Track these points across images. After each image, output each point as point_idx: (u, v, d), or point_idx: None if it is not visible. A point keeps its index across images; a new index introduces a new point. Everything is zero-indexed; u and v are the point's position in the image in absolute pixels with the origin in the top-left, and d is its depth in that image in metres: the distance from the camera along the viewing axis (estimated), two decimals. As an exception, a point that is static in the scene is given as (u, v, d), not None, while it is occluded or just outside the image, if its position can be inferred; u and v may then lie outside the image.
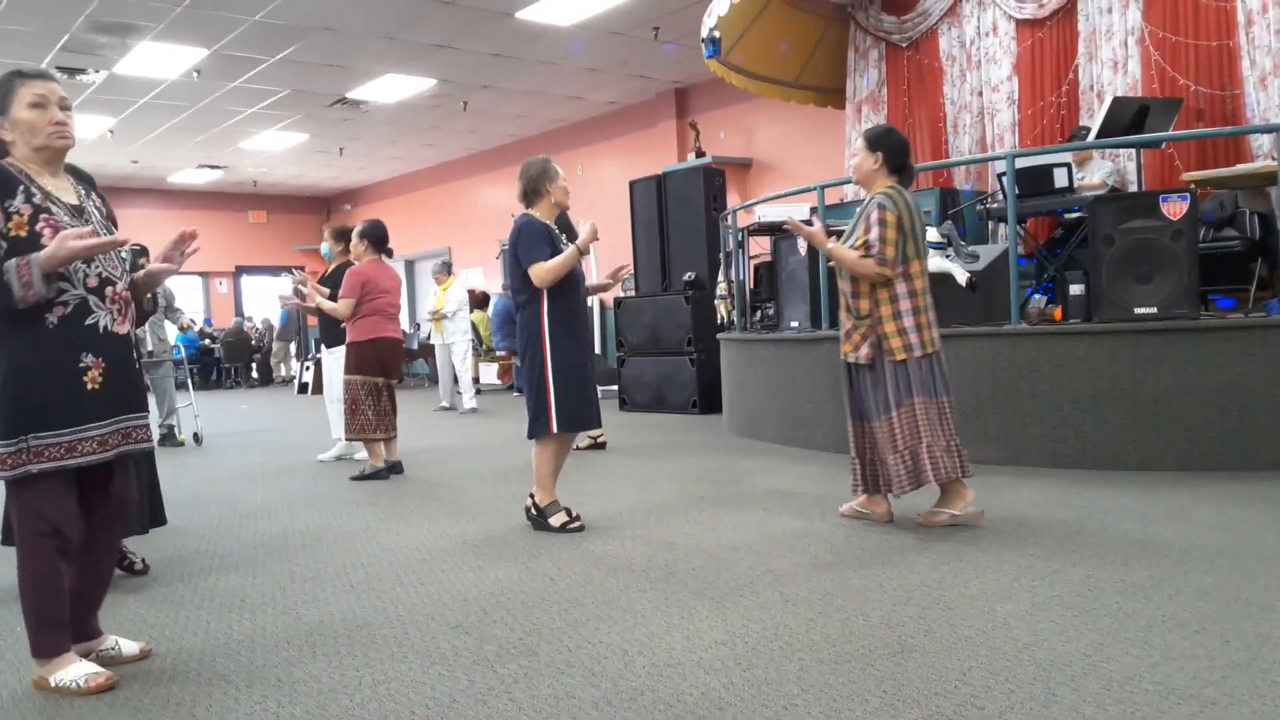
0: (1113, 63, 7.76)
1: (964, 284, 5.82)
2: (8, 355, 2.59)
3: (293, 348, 18.44)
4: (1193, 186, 5.82)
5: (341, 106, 12.77)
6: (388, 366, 6.39)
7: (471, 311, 12.16)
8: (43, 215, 2.59)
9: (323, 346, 7.39)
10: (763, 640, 2.82)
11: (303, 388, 15.47)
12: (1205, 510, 4.27)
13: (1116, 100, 6.87)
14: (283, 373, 19.03)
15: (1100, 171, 7.15)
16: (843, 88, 9.92)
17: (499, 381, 14.90)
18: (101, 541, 2.82)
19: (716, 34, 8.11)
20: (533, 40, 10.31)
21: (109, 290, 2.69)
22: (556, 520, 4.40)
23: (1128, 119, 6.78)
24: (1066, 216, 7.16)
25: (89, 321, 2.64)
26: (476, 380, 12.17)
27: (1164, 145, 7.28)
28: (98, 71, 10.69)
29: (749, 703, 2.38)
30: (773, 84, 9.70)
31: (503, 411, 10.95)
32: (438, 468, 6.72)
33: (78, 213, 2.70)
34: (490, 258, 16.21)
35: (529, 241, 4.32)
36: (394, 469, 6.33)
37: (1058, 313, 6.13)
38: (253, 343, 19.02)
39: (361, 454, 7.05)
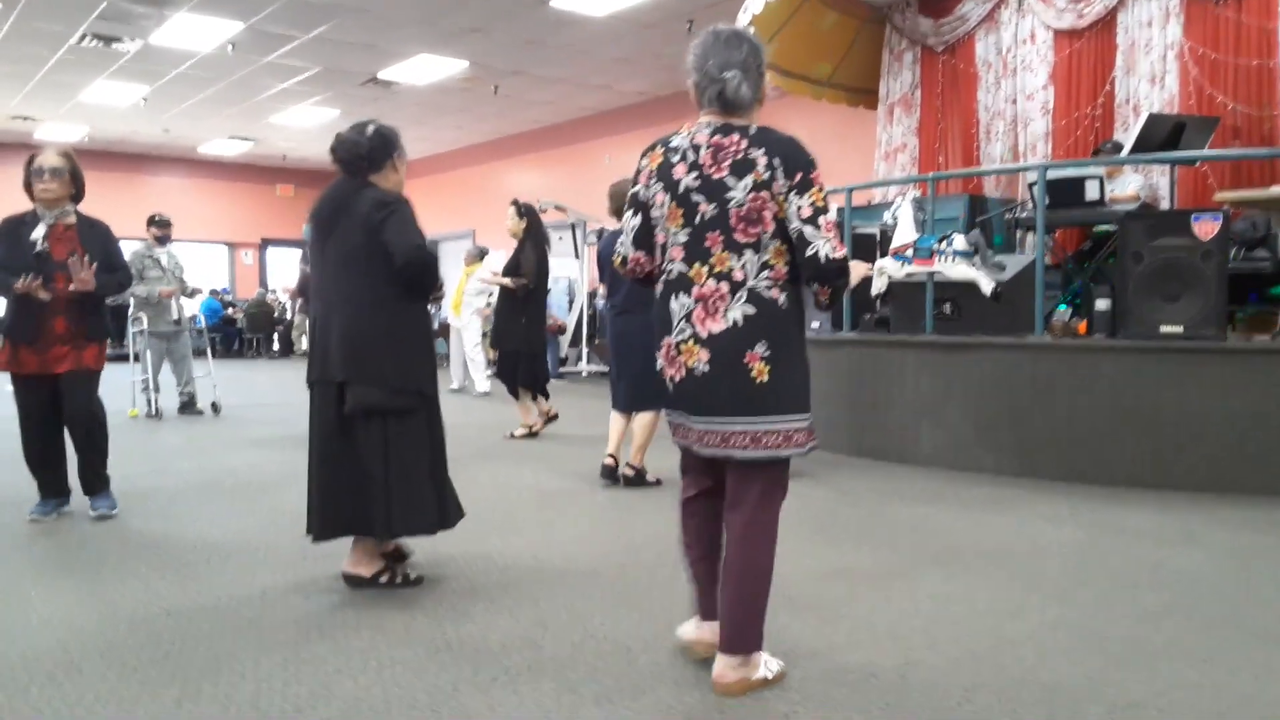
0: (1150, 77, 7.66)
1: (988, 293, 5.77)
2: (800, 332, 2.66)
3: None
4: (1225, 207, 5.74)
5: (373, 86, 12.79)
6: None
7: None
8: None
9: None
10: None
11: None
12: (1221, 535, 4.24)
13: (1152, 117, 6.78)
14: (304, 345, 19.16)
15: (1133, 184, 7.07)
16: (875, 88, 9.84)
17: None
18: None
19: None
20: (565, 28, 10.29)
21: None
22: (652, 477, 5.37)
23: (1163, 136, 6.70)
24: (1096, 229, 7.10)
25: None
26: (491, 364, 12.19)
27: (1198, 163, 7.19)
28: (133, 40, 10.75)
29: (750, 709, 2.38)
30: (805, 82, 9.63)
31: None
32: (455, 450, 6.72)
33: None
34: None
35: None
36: None
37: (1082, 326, 6.08)
38: (275, 314, 19.16)
39: None
